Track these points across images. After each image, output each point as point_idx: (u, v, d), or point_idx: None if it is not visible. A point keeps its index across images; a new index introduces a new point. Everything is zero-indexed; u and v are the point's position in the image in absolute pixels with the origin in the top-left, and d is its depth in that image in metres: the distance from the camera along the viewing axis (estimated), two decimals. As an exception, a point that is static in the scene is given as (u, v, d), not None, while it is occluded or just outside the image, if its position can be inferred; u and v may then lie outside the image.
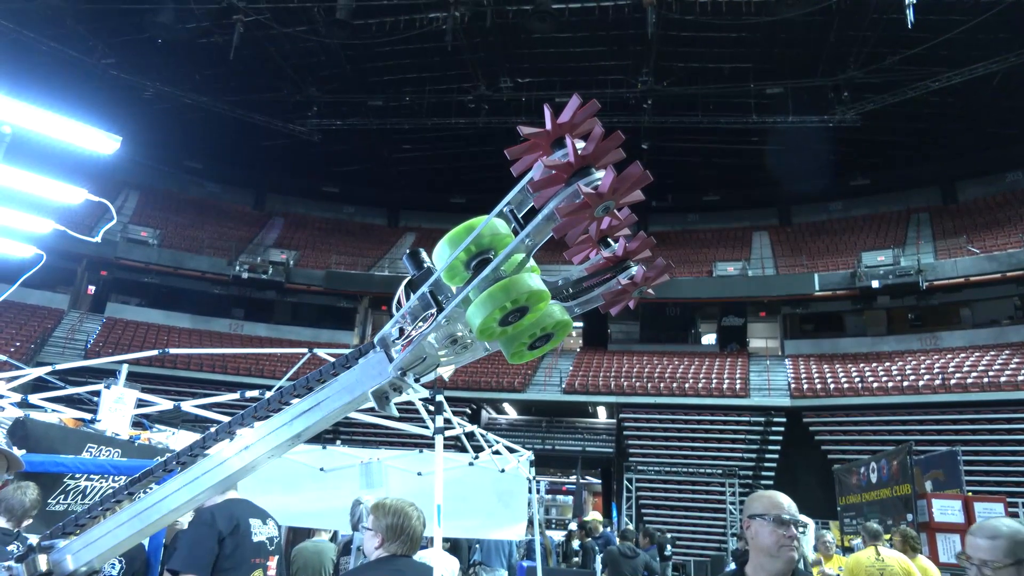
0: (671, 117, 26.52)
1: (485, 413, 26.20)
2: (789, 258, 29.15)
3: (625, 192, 0.88)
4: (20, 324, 24.73)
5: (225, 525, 3.08)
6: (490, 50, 24.82)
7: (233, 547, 3.06)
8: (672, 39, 23.25)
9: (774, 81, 25.16)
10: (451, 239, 1.02)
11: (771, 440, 22.12)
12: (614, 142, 0.89)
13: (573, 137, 0.89)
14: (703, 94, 25.75)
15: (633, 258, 1.09)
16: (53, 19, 23.30)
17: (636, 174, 0.87)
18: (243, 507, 3.29)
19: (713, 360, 25.96)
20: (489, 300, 0.92)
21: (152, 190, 32.77)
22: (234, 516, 3.16)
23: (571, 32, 23.48)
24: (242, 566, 3.07)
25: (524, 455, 6.26)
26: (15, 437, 3.90)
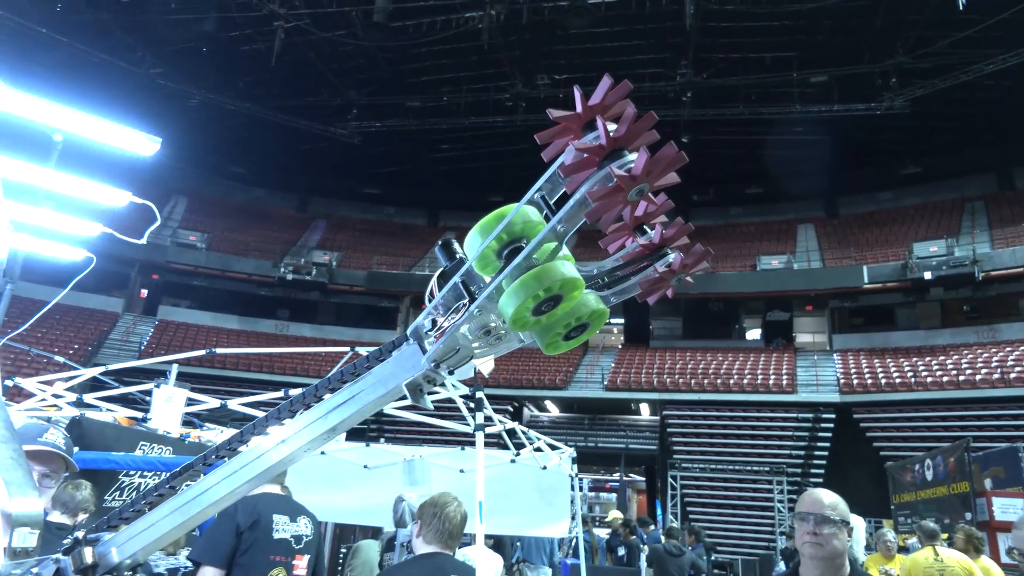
0: (711, 109, 26.09)
1: (527, 411, 26.22)
2: (836, 250, 28.42)
3: (660, 174, 0.85)
4: (78, 327, 25.65)
5: (244, 519, 3.08)
6: (526, 48, 24.78)
7: (251, 541, 3.06)
8: (711, 30, 22.86)
9: (818, 69, 24.54)
10: (482, 228, 1.00)
11: (820, 437, 21.61)
12: (647, 123, 0.86)
13: (605, 119, 0.86)
14: (744, 85, 25.26)
15: (670, 245, 1.06)
16: (104, 32, 24.10)
17: (670, 155, 0.84)
18: (270, 502, 3.27)
19: (758, 356, 25.48)
20: (521, 289, 0.90)
21: (199, 196, 33.66)
22: (256, 511, 3.15)
23: (608, 27, 23.27)
24: (259, 562, 3.07)
25: (566, 452, 6.23)
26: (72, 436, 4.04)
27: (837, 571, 2.27)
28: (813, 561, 2.25)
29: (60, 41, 23.87)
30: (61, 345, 23.14)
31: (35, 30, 23.55)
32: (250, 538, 3.05)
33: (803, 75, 24.60)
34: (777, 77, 24.64)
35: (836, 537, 2.24)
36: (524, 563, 9.48)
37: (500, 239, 0.96)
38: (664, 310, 29.94)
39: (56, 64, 23.96)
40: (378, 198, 35.75)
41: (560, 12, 22.31)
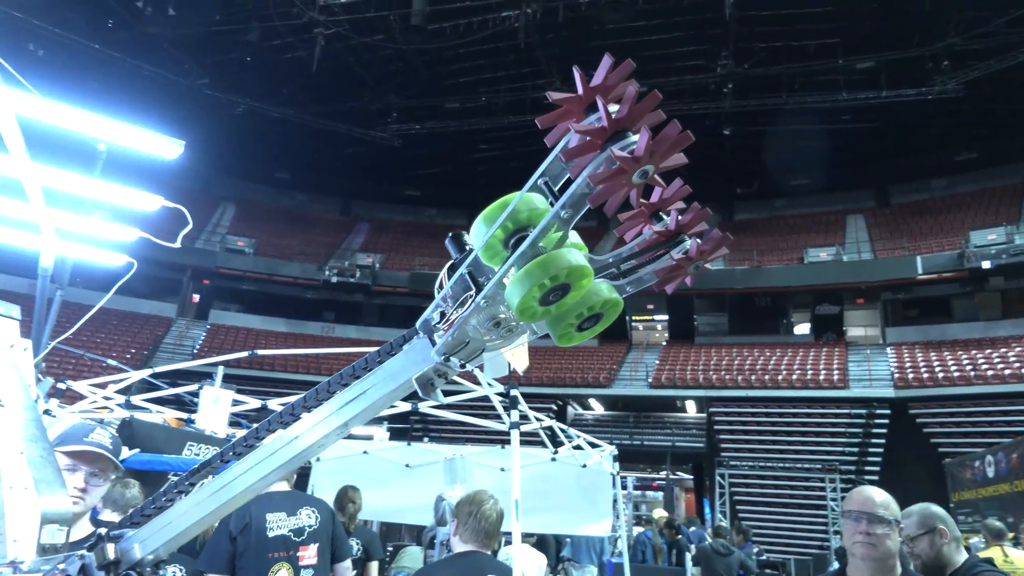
0: (754, 100, 25.57)
1: (571, 409, 26.13)
2: (888, 240, 27.56)
3: (664, 155, 0.82)
4: (134, 332, 26.54)
5: (235, 525, 3.23)
6: (563, 45, 24.68)
7: (245, 545, 3.21)
8: (751, 19, 22.40)
9: (865, 55, 23.81)
10: (486, 217, 0.98)
11: (874, 433, 20.99)
12: (651, 103, 0.83)
13: (608, 100, 0.84)
14: (787, 74, 24.68)
15: (687, 232, 1.02)
16: (153, 46, 24.86)
17: (673, 134, 0.81)
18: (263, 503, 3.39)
19: (808, 350, 24.88)
20: (526, 277, 0.87)
21: (247, 202, 34.49)
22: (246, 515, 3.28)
23: (645, 20, 23.01)
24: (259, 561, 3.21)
25: (607, 450, 6.17)
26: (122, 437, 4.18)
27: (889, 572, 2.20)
28: (865, 562, 2.19)
29: (112, 56, 24.73)
30: (119, 349, 23.97)
31: (89, 47, 24.46)
32: (244, 541, 3.20)
33: (849, 61, 23.90)
34: (821, 65, 24.00)
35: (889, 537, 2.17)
36: (570, 562, 9.43)
37: (506, 228, 0.94)
38: (709, 306, 29.49)
39: (109, 78, 24.85)
40: (419, 200, 36.09)
41: (596, 7, 22.16)
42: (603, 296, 0.98)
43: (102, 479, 1.95)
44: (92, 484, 1.91)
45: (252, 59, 25.84)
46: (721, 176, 30.05)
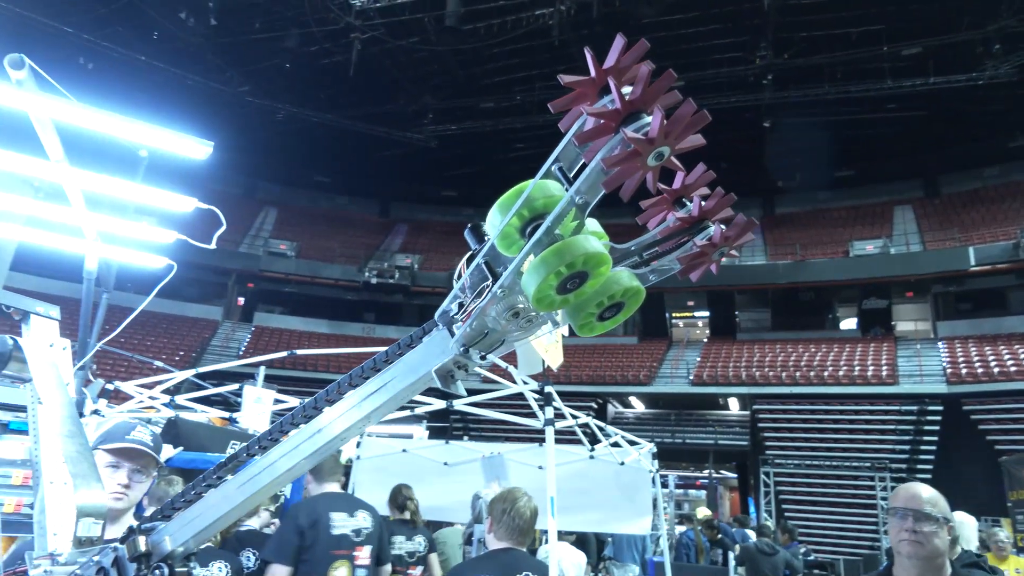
0: (794, 91, 25.02)
1: (611, 407, 25.96)
2: (938, 232, 26.70)
3: (680, 136, 0.79)
4: (183, 335, 27.27)
5: (305, 520, 3.37)
6: (598, 41, 24.10)
7: (312, 540, 3.34)
8: (790, 8, 21.92)
9: (911, 41, 23.07)
10: (501, 205, 0.97)
11: (926, 430, 20.36)
12: (665, 82, 0.80)
13: (622, 82, 0.82)
14: (829, 63, 24.06)
15: (711, 218, 1.00)
16: (196, 55, 25.50)
17: (689, 113, 0.78)
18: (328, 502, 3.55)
19: (855, 346, 24.26)
20: (542, 265, 0.86)
21: (288, 206, 35.14)
22: (314, 512, 3.43)
23: (681, 14, 22.71)
24: (323, 557, 3.36)
25: (645, 447, 6.10)
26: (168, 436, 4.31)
27: (937, 572, 2.13)
28: (911, 560, 2.12)
29: (157, 67, 25.45)
30: (168, 352, 24.65)
31: (135, 58, 25.21)
32: (311, 536, 3.33)
33: (894, 48, 23.19)
34: (865, 52, 23.34)
35: (937, 535, 2.09)
36: (611, 561, 9.37)
37: (522, 216, 0.93)
38: (751, 301, 29.01)
39: (154, 89, 25.57)
40: (456, 200, 36.28)
41: (631, 2, 21.95)
42: (623, 284, 0.96)
43: (145, 475, 2.00)
44: (135, 480, 1.96)
45: (291, 65, 26.31)
46: (761, 170, 29.51)
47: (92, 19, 23.29)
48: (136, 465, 1.98)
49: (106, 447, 1.94)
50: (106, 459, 1.94)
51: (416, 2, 22.13)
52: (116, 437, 1.98)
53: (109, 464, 1.94)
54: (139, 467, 1.99)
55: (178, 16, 23.84)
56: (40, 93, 1.54)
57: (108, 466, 1.94)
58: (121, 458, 1.96)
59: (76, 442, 1.19)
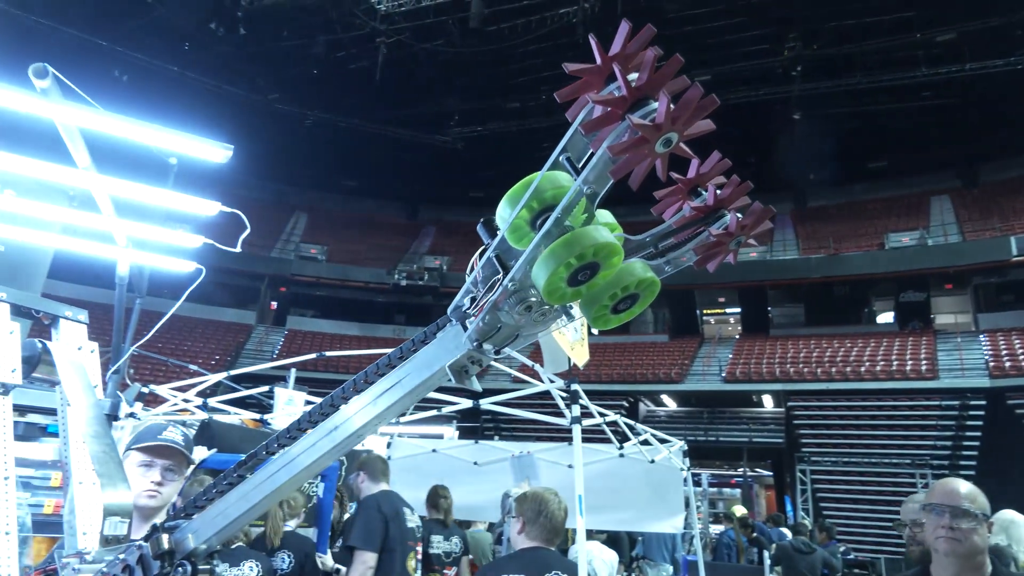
0: (824, 82, 24.58)
1: (643, 406, 25.78)
2: (977, 222, 25.99)
3: (688, 121, 0.77)
4: (218, 339, 27.78)
5: (388, 510, 3.54)
6: (623, 37, 24.35)
7: (396, 530, 3.51)
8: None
9: (944, 27, 22.51)
10: (510, 198, 0.96)
11: (968, 425, 19.83)
12: (672, 67, 0.78)
13: (628, 69, 0.80)
14: (860, 52, 23.60)
15: (727, 206, 0.97)
16: (226, 65, 25.98)
17: (696, 98, 0.76)
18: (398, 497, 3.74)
19: (892, 340, 23.73)
20: (551, 257, 0.84)
21: (318, 210, 35.56)
22: (394, 504, 3.62)
23: (706, 7, 22.48)
24: (401, 547, 3.53)
25: (676, 445, 6.04)
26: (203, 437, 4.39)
27: (977, 570, 2.06)
28: (948, 558, 2.06)
29: (188, 77, 25.96)
30: (204, 356, 25.12)
31: (168, 69, 25.76)
32: (395, 527, 3.51)
33: (927, 35, 22.63)
34: (897, 40, 22.83)
35: (976, 532, 2.03)
36: (644, 560, 9.31)
37: (531, 208, 0.92)
38: (784, 297, 28.57)
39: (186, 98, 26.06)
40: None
41: (656, -3, 21.80)
42: (637, 276, 0.94)
43: (177, 473, 2.04)
44: (167, 478, 2.00)
45: (319, 72, 26.63)
46: (792, 163, 29.04)
47: (125, 32, 23.85)
48: (169, 463, 2.02)
49: (139, 446, 1.99)
50: (139, 458, 1.98)
51: (440, 5, 22.25)
52: (148, 437, 2.03)
53: (142, 463, 1.98)
54: (171, 465, 2.03)
55: (208, 27, 24.29)
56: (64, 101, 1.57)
57: (141, 465, 1.98)
58: (154, 456, 2.01)
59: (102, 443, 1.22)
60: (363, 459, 3.94)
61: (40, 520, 2.40)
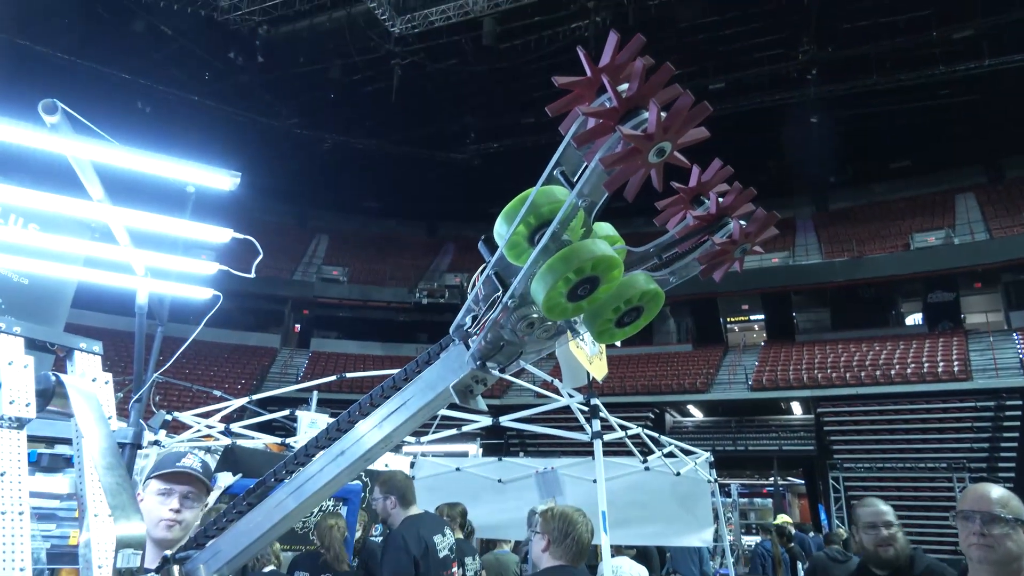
0: (841, 84, 24.37)
1: (669, 417, 25.51)
2: (1004, 218, 25.50)
3: (680, 130, 0.76)
4: (244, 364, 28.05)
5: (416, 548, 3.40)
6: (636, 49, 24.40)
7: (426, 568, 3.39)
8: (832, 0, 21.44)
9: (962, 23, 22.23)
10: (506, 215, 0.95)
11: (1005, 427, 19.33)
12: (663, 76, 0.77)
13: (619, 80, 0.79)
14: (876, 53, 23.37)
15: (731, 214, 0.96)
16: (245, 92, 26.46)
17: (686, 106, 0.75)
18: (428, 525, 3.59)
19: (922, 342, 23.29)
20: (549, 272, 0.83)
21: (339, 232, 35.91)
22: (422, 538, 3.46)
23: (718, 15, 22.47)
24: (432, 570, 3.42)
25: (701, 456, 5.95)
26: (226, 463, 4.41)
27: None
28: (983, 566, 2.01)
29: (209, 105, 26.47)
30: (230, 381, 25.36)
31: (189, 99, 26.29)
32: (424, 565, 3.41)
33: (944, 32, 22.35)
34: (914, 39, 22.58)
35: (1010, 538, 1.97)
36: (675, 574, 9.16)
37: (528, 224, 0.91)
38: (808, 301, 28.20)
39: (207, 127, 26.56)
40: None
41: (667, 7, 21.82)
42: (640, 288, 0.93)
43: (196, 501, 2.03)
44: (187, 506, 2.00)
45: (335, 95, 27.01)
46: (812, 166, 28.79)
47: (147, 64, 24.41)
48: (187, 490, 2.02)
49: (158, 474, 1.99)
50: (158, 486, 1.98)
51: (453, 25, 22.47)
52: (167, 465, 2.03)
53: (160, 491, 1.98)
54: (190, 492, 2.03)
55: (227, 56, 24.78)
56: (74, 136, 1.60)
57: (159, 493, 1.97)
58: (172, 484, 2.00)
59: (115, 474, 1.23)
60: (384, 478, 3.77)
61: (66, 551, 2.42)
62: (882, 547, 2.73)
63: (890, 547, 2.72)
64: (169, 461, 2.04)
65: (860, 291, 26.94)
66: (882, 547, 2.73)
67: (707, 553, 9.08)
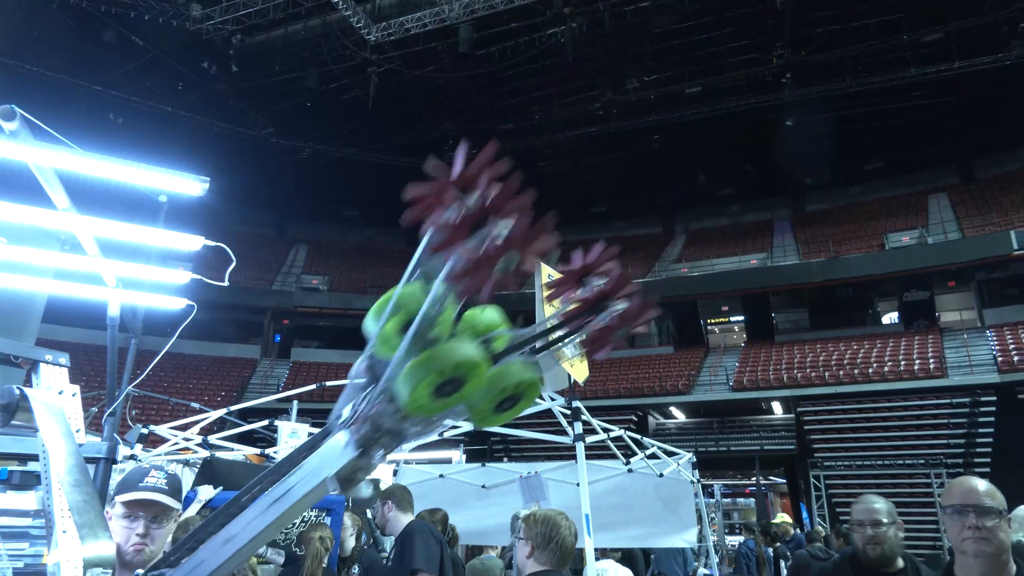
0: (815, 87, 24.72)
1: (652, 419, 25.61)
2: (976, 218, 25.98)
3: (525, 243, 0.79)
4: (223, 375, 27.71)
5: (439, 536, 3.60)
6: (612, 55, 24.60)
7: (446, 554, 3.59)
8: (805, 5, 21.74)
9: (931, 27, 22.67)
10: (375, 311, 0.98)
11: (980, 422, 19.65)
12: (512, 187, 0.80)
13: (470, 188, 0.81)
14: (849, 56, 23.75)
15: (612, 297, 0.99)
16: (220, 102, 26.22)
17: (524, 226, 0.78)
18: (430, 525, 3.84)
19: (899, 340, 23.62)
20: (411, 375, 0.85)
21: (318, 242, 35.68)
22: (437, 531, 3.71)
23: (694, 20, 22.68)
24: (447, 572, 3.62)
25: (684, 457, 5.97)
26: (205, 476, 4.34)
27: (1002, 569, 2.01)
28: (978, 559, 2.00)
29: (183, 116, 26.19)
30: (210, 393, 25.04)
31: (162, 110, 25.99)
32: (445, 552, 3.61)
33: (914, 36, 22.78)
34: (885, 43, 22.99)
35: (1000, 529, 1.99)
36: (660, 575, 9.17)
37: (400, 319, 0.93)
38: (787, 302, 28.50)
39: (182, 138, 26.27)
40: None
41: (642, 13, 21.98)
42: (514, 379, 0.94)
43: (164, 520, 1.93)
44: (153, 529, 1.87)
45: (312, 104, 26.86)
46: (788, 169, 29.17)
47: (120, 76, 24.11)
48: (150, 514, 1.88)
49: (121, 499, 1.88)
50: (121, 510, 1.87)
51: (430, 32, 22.47)
52: (129, 486, 1.90)
53: (125, 515, 1.87)
54: (156, 515, 1.90)
55: (201, 66, 24.56)
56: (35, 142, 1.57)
57: (124, 517, 1.87)
58: (136, 509, 1.88)
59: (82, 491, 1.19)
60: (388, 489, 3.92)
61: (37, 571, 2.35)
62: (869, 546, 2.74)
63: (877, 546, 2.73)
64: (132, 482, 1.92)
65: (837, 291, 27.28)
66: (869, 546, 2.74)
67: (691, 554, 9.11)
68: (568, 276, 1.01)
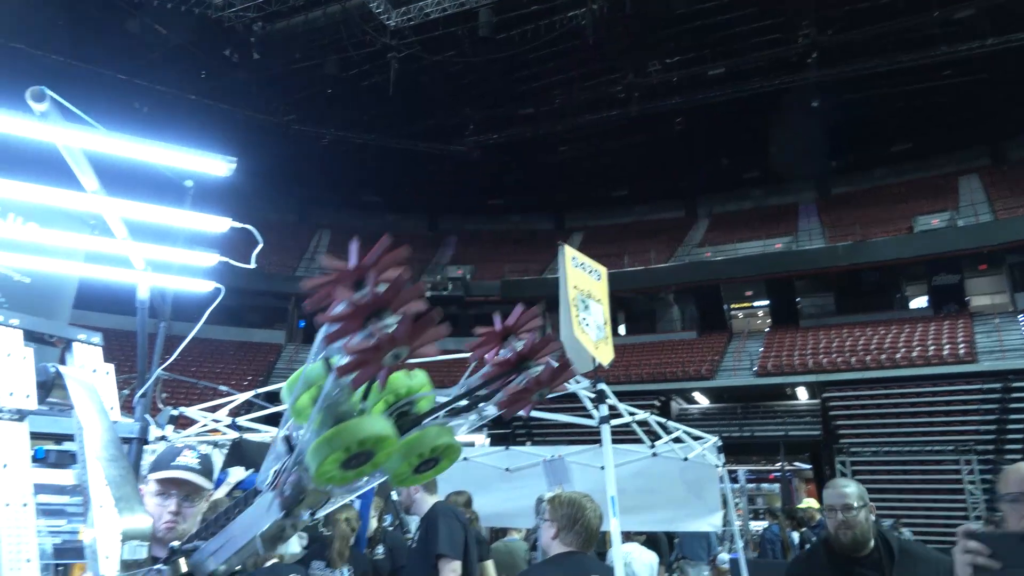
0: (841, 67, 24.21)
1: (675, 404, 25.52)
2: (1008, 199, 25.37)
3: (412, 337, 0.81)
4: (250, 360, 28.12)
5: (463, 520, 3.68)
6: (633, 38, 24.30)
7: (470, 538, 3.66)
8: (831, -18, 21.28)
9: (962, 2, 22.05)
10: (288, 386, 1.01)
11: (1012, 408, 19.31)
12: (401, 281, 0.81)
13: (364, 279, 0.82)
14: (876, 35, 23.19)
15: (533, 359, 1.01)
16: (242, 90, 26.36)
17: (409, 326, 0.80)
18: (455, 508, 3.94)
19: (927, 325, 23.24)
20: (318, 451, 0.87)
21: (340, 227, 35.86)
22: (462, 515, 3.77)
23: (715, 0, 22.32)
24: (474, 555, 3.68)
25: (709, 441, 5.94)
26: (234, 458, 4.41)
27: None
28: None
29: (205, 104, 26.40)
30: (237, 377, 25.39)
31: (186, 98, 26.21)
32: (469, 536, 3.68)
33: (945, 12, 22.16)
34: (914, 20, 22.40)
35: None
36: (684, 559, 9.18)
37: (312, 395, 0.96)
38: (812, 287, 28.16)
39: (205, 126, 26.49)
40: (503, 208, 36.38)
41: (663, -6, 21.68)
42: (430, 444, 0.97)
43: (196, 499, 1.99)
44: (185, 507, 1.95)
45: (333, 90, 26.90)
46: (813, 150, 28.67)
47: (144, 65, 24.32)
48: (183, 492, 1.96)
49: (154, 476, 1.96)
50: (155, 487, 1.94)
51: (449, 16, 22.36)
52: (163, 465, 1.98)
53: (158, 492, 1.94)
54: (189, 493, 1.98)
55: (223, 54, 24.68)
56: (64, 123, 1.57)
57: (157, 494, 1.94)
58: (169, 487, 1.96)
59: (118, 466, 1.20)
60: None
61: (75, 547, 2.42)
62: (841, 530, 2.72)
63: (849, 531, 2.71)
64: (165, 461, 1.99)
65: (864, 275, 26.89)
66: (841, 530, 2.72)
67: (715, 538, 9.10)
68: (490, 336, 1.03)
